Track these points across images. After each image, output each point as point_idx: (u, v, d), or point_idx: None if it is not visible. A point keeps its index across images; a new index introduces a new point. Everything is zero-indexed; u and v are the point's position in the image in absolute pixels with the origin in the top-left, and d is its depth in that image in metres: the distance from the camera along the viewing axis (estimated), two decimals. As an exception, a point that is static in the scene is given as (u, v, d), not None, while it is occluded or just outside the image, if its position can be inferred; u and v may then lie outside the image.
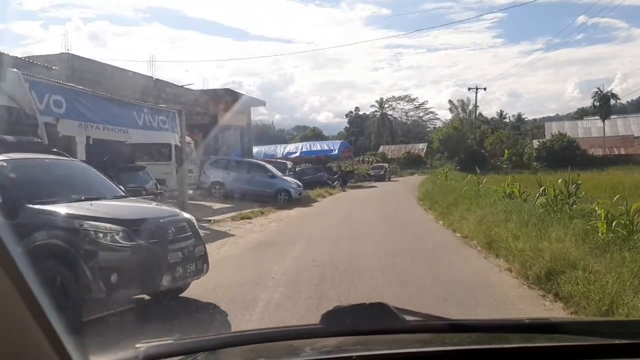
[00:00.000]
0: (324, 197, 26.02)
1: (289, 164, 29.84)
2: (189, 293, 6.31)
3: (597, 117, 59.88)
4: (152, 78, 20.81)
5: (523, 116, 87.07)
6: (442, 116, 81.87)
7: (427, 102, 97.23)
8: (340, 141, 47.07)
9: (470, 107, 62.51)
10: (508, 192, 12.66)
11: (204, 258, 5.85)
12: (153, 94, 19.68)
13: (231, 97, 26.55)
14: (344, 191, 30.70)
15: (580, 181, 9.87)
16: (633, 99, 79.69)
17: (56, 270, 4.70)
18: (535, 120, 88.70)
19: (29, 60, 14.64)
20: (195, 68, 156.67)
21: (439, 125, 69.92)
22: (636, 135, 56.06)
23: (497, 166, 50.91)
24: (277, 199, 21.68)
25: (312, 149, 40.24)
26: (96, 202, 5.63)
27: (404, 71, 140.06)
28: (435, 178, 32.47)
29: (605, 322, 2.14)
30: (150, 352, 1.24)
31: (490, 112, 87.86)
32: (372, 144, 75.33)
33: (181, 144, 15.74)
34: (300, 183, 23.69)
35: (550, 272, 6.03)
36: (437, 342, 1.44)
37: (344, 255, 8.88)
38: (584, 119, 67.04)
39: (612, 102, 57.60)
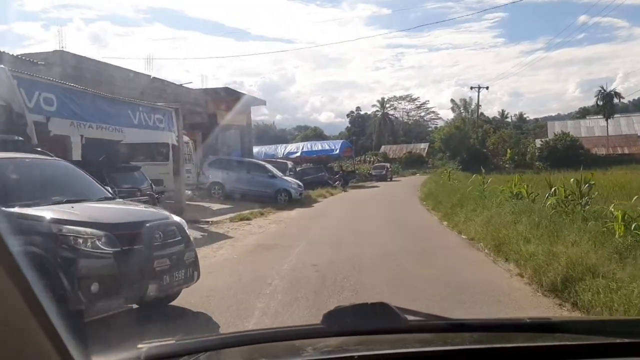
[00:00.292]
0: (325, 197, 25.61)
1: (290, 164, 29.43)
2: (180, 301, 5.91)
3: (600, 116, 59.40)
4: (150, 76, 20.40)
5: (525, 116, 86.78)
6: (444, 116, 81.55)
7: (428, 101, 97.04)
8: (341, 141, 46.58)
9: (473, 106, 62.04)
10: (515, 192, 12.22)
11: (194, 265, 5.43)
12: (150, 92, 19.22)
13: (231, 97, 26.14)
14: (345, 191, 30.30)
15: (593, 181, 9.45)
16: (635, 98, 79.25)
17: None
18: (537, 119, 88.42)
19: (17, 57, 14.24)
20: (196, 68, 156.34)
21: (441, 125, 69.45)
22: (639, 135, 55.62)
23: (500, 166, 50.52)
24: (278, 199, 21.29)
25: (313, 148, 39.73)
26: (79, 204, 5.23)
27: (405, 71, 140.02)
28: (438, 178, 32.06)
29: (606, 321, 2.11)
30: (152, 353, 1.24)
31: (491, 112, 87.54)
32: (373, 144, 75.03)
33: (178, 144, 15.34)
34: (300, 183, 23.29)
35: (567, 279, 5.62)
36: (439, 341, 1.44)
37: (345, 259, 8.48)
38: (587, 118, 66.55)
39: (616, 101, 56.82)
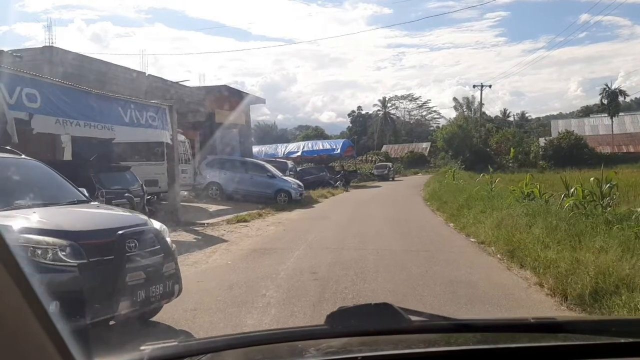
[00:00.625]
0: (326, 197, 24.97)
1: (290, 164, 28.81)
2: (162, 316, 5.29)
3: (604, 115, 58.70)
4: (145, 74, 19.77)
5: (527, 115, 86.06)
6: (446, 115, 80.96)
7: (430, 100, 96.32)
8: (342, 140, 45.84)
9: (476, 104, 61.32)
10: (526, 192, 11.54)
11: (175, 277, 4.78)
12: (145, 90, 18.62)
13: (229, 95, 25.54)
14: (347, 191, 29.67)
15: (615, 181, 8.78)
16: (638, 97, 78.45)
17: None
18: (539, 118, 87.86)
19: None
20: (197, 68, 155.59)
21: (443, 124, 68.76)
22: (645, 132, 54.94)
23: (503, 165, 49.87)
24: (277, 200, 20.69)
25: (314, 148, 39.04)
26: (44, 209, 4.61)
27: (406, 70, 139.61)
28: (441, 177, 31.39)
29: (612, 321, 2.07)
30: (155, 354, 1.20)
31: (493, 111, 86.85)
32: (375, 143, 74.47)
33: (172, 142, 14.70)
34: (301, 183, 22.66)
35: (597, 292, 4.98)
36: (443, 342, 1.42)
37: (347, 266, 7.85)
38: (591, 116, 65.85)
39: (621, 99, 56.05)
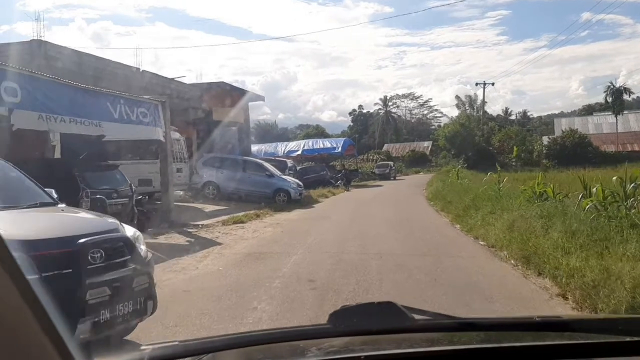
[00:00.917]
0: (326, 197, 24.33)
1: (289, 163, 28.15)
2: (138, 333, 4.65)
3: (608, 113, 58.04)
4: (139, 69, 19.12)
5: (528, 113, 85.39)
6: (447, 113, 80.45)
7: (431, 99, 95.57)
8: (343, 139, 45.13)
9: (478, 102, 60.66)
10: (538, 192, 10.88)
11: (147, 293, 4.14)
12: (139, 86, 17.87)
13: (227, 91, 24.87)
14: (347, 191, 29.02)
15: (640, 180, 8.12)
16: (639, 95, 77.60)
17: None
18: (540, 117, 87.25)
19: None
20: (198, 67, 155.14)
21: (445, 123, 68.13)
22: (650, 131, 54.28)
23: (506, 164, 49.18)
24: (276, 200, 20.06)
25: (315, 146, 38.38)
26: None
27: (407, 69, 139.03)
28: (444, 177, 30.72)
29: (617, 319, 2.04)
30: (156, 354, 1.20)
31: (494, 110, 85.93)
32: (376, 142, 73.88)
33: (165, 140, 14.07)
34: (300, 183, 22.02)
35: (635, 308, 4.34)
36: (446, 341, 1.40)
37: (348, 272, 7.21)
38: (594, 114, 65.17)
39: (626, 97, 55.31)
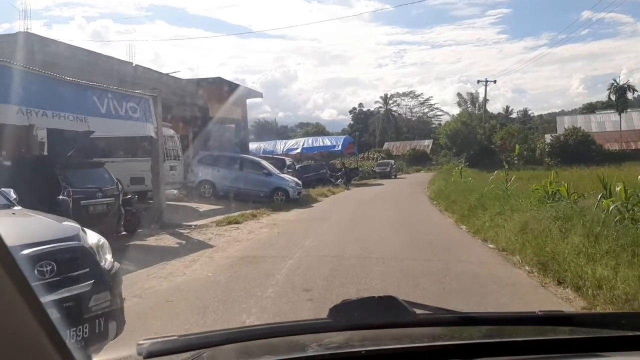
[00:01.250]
0: (326, 196, 23.69)
1: (288, 161, 27.48)
2: (107, 354, 4.02)
3: (611, 111, 57.44)
4: (132, 64, 18.48)
5: (529, 112, 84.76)
6: (448, 112, 79.68)
7: (432, 97, 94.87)
8: (343, 136, 44.46)
9: (480, 100, 60.00)
10: (551, 192, 10.23)
11: (110, 313, 3.49)
12: (132, 81, 17.21)
13: (224, 87, 24.16)
14: (348, 190, 28.40)
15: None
16: (640, 94, 76.64)
17: None
18: (541, 116, 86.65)
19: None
20: (198, 66, 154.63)
21: (447, 120, 67.48)
22: (653, 129, 53.62)
23: (508, 162, 48.46)
24: (274, 199, 19.42)
25: (314, 144, 37.66)
26: None
27: (407, 68, 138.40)
28: (447, 175, 30.08)
29: (620, 314, 2.09)
30: (154, 349, 1.19)
31: (495, 108, 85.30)
32: (376, 141, 73.27)
33: (157, 136, 13.43)
34: (299, 181, 21.37)
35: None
36: (448, 336, 1.39)
37: (347, 280, 6.59)
38: (596, 112, 64.55)
39: (630, 94, 54.60)
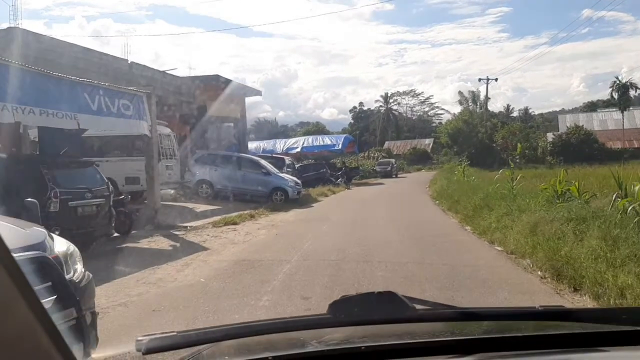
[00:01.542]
0: (326, 196, 23.28)
1: (288, 160, 27.06)
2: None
3: (613, 109, 57.04)
4: (127, 61, 18.04)
5: (530, 110, 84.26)
6: (449, 110, 79.18)
7: (432, 96, 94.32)
8: (344, 135, 44.03)
9: (481, 98, 59.49)
10: (560, 191, 9.80)
11: (75, 331, 3.07)
12: (128, 79, 16.78)
13: (222, 85, 23.71)
14: (348, 189, 28.00)
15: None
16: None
17: None
18: (542, 114, 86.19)
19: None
20: (200, 66, 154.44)
21: (448, 119, 67.02)
22: (656, 127, 53.18)
23: (510, 161, 48.12)
24: (273, 199, 19.01)
25: (314, 143, 37.24)
26: None
27: (408, 67, 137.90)
28: (449, 174, 29.65)
29: (620, 310, 2.06)
30: (152, 345, 1.19)
31: (495, 107, 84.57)
32: (377, 140, 72.86)
33: (151, 134, 13.01)
34: (298, 181, 20.98)
35: None
36: (448, 332, 1.37)
37: (348, 287, 6.15)
38: (598, 110, 64.13)
39: (633, 93, 54.16)
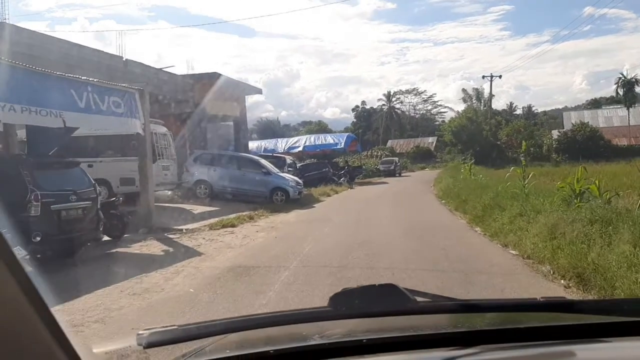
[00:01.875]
0: (328, 195, 22.65)
1: (289, 159, 26.43)
2: None
3: (618, 106, 56.34)
4: (122, 58, 17.47)
5: (533, 108, 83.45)
6: (452, 107, 78.35)
7: (435, 94, 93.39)
8: (346, 134, 43.36)
9: (486, 95, 58.76)
10: (578, 190, 9.13)
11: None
12: (123, 76, 16.23)
13: (221, 83, 23.12)
14: (351, 188, 27.38)
15: None
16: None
17: None
18: (545, 112, 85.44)
19: None
20: (200, 65, 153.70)
21: (451, 117, 66.24)
22: (662, 124, 52.43)
23: (514, 158, 47.45)
24: (273, 199, 18.42)
25: (316, 142, 36.56)
26: None
27: (410, 65, 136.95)
28: (454, 172, 28.99)
29: (622, 301, 2.07)
30: (153, 339, 1.19)
31: (498, 105, 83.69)
32: (380, 139, 72.22)
33: (145, 133, 12.42)
34: (299, 180, 20.37)
35: None
36: (449, 325, 1.40)
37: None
38: (603, 107, 63.42)
39: (638, 89, 53.34)
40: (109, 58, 16.81)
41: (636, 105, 54.95)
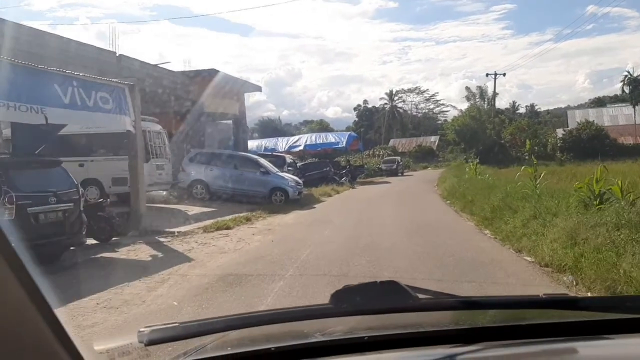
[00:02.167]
0: (329, 195, 22.03)
1: (289, 158, 25.80)
2: None
3: (624, 104, 55.68)
4: (115, 53, 16.82)
5: (536, 107, 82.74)
6: (455, 106, 77.71)
7: (437, 93, 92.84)
8: (348, 133, 42.72)
9: (489, 93, 58.03)
10: (597, 191, 8.46)
11: None
12: (117, 73, 15.58)
13: (219, 80, 22.50)
14: (353, 188, 26.77)
15: None
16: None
17: None
18: (548, 111, 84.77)
19: None
20: (201, 65, 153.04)
21: (454, 116, 65.54)
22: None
23: (519, 157, 46.83)
24: (272, 199, 17.80)
25: (317, 141, 35.90)
26: None
27: (412, 64, 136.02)
28: (458, 172, 28.30)
29: (623, 297, 2.00)
30: (154, 336, 1.18)
31: (501, 104, 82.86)
32: (382, 138, 71.65)
33: (135, 130, 11.79)
34: (299, 180, 19.75)
35: None
36: (452, 321, 1.38)
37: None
38: (608, 106, 62.77)
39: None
40: (101, 53, 16.17)
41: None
